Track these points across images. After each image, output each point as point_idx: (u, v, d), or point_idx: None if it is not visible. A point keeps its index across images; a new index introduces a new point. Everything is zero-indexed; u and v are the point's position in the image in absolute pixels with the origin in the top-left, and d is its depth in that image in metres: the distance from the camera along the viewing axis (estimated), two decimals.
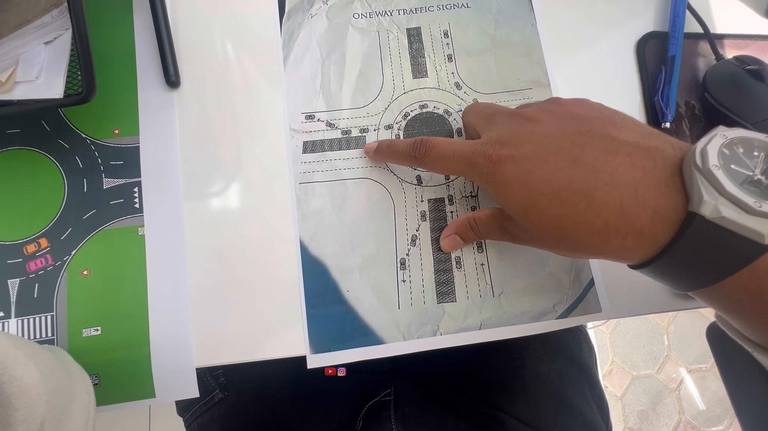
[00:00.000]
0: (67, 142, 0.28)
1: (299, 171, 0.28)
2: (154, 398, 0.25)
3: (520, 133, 0.22)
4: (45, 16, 0.22)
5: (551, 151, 0.20)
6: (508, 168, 0.21)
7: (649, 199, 0.17)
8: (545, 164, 0.20)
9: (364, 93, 0.30)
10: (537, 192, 0.20)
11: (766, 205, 0.15)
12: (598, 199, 0.18)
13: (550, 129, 0.21)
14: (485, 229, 0.26)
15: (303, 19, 0.31)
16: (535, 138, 0.21)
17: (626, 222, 0.18)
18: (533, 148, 0.21)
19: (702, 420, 1.01)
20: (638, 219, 0.18)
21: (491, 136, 0.23)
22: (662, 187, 0.17)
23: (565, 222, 0.19)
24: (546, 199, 0.20)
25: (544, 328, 0.27)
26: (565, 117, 0.22)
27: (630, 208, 0.18)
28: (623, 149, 0.19)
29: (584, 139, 0.20)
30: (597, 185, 0.18)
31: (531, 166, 0.20)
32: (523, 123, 0.22)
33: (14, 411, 0.18)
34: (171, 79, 0.28)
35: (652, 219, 0.17)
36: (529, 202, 0.20)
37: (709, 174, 0.16)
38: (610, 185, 0.18)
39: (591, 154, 0.19)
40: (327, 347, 0.26)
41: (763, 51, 0.32)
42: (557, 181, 0.19)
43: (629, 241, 0.18)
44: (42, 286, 0.26)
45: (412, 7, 0.32)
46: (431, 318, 0.27)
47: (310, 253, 0.27)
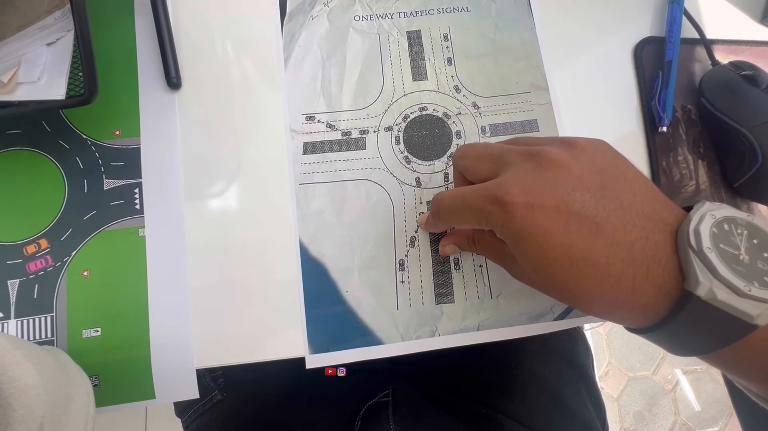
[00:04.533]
0: (67, 142, 0.28)
1: (299, 172, 0.29)
2: (154, 399, 0.25)
3: (540, 180, 0.19)
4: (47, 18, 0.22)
5: (576, 211, 0.18)
6: (525, 221, 0.19)
7: (658, 277, 0.18)
8: (566, 227, 0.18)
9: (364, 95, 0.30)
10: (553, 259, 0.19)
11: (755, 289, 0.16)
12: (614, 275, 0.18)
13: (574, 182, 0.19)
14: (483, 251, 0.25)
15: (304, 21, 0.31)
16: (559, 191, 0.19)
17: (634, 299, 0.18)
18: (555, 202, 0.19)
19: (697, 421, 1.02)
20: (646, 296, 0.18)
21: (506, 178, 0.20)
22: (669, 264, 0.18)
23: (575, 291, 0.19)
24: (561, 268, 0.18)
25: (541, 329, 0.27)
26: (588, 169, 0.20)
27: (641, 285, 0.18)
28: (639, 222, 0.18)
29: (606, 203, 0.19)
30: (614, 261, 0.18)
31: (550, 227, 0.18)
32: (546, 168, 0.20)
33: (13, 412, 0.18)
34: (172, 80, 0.28)
35: (657, 296, 0.18)
36: (542, 265, 0.19)
37: (704, 256, 0.17)
38: (626, 262, 0.18)
39: (613, 225, 0.18)
40: (326, 347, 0.26)
41: (758, 57, 0.33)
42: (577, 251, 0.18)
43: (634, 314, 0.19)
44: (42, 287, 0.26)
45: (413, 10, 0.32)
46: (429, 319, 0.27)
47: (310, 254, 0.27)
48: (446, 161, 0.29)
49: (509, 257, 0.22)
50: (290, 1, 0.31)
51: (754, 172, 0.28)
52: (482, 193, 0.20)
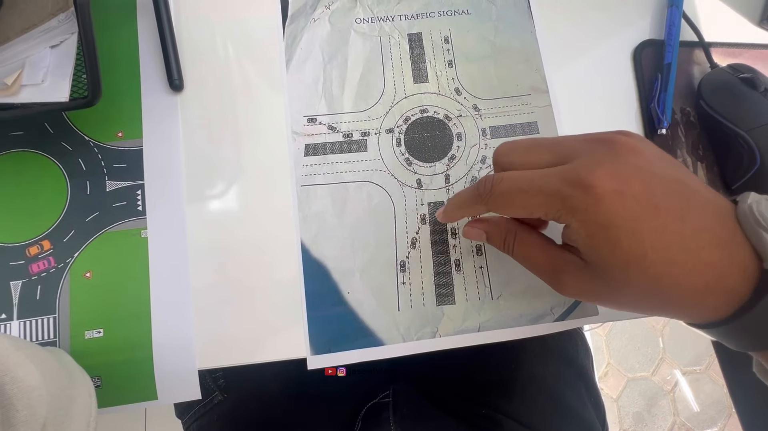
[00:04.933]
0: (70, 144, 0.28)
1: (301, 173, 0.29)
2: (156, 400, 0.25)
3: (624, 165, 0.18)
4: (51, 20, 0.22)
5: (661, 197, 0.18)
6: (615, 206, 0.17)
7: (741, 258, 0.17)
8: (656, 211, 0.18)
9: (365, 97, 0.30)
10: (648, 245, 0.17)
11: None
12: (704, 260, 0.17)
13: (653, 166, 0.18)
14: (522, 255, 0.22)
15: (306, 24, 0.31)
16: (643, 176, 0.18)
17: (722, 283, 0.17)
18: (642, 187, 0.18)
19: (696, 422, 1.02)
20: (732, 279, 0.17)
21: (585, 162, 0.19)
22: (746, 246, 0.17)
23: (667, 281, 0.18)
24: (656, 255, 0.17)
25: (541, 331, 0.27)
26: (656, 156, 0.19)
27: (727, 268, 0.17)
28: (710, 207, 0.18)
29: (682, 187, 0.18)
30: (703, 245, 0.17)
31: (641, 211, 0.17)
32: (623, 153, 0.19)
33: (16, 412, 0.18)
34: (174, 82, 0.28)
35: (742, 278, 0.17)
36: (637, 254, 0.18)
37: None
38: (713, 245, 0.17)
39: (694, 208, 0.18)
40: (327, 348, 0.26)
41: (757, 59, 0.33)
42: (669, 235, 0.17)
43: (720, 301, 0.18)
44: (44, 288, 0.26)
45: (414, 12, 0.32)
46: (430, 320, 0.27)
47: (311, 255, 0.28)
48: (447, 163, 0.30)
49: (569, 264, 0.20)
50: (292, 4, 0.32)
51: (752, 174, 0.28)
52: (559, 176, 0.19)
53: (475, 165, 0.30)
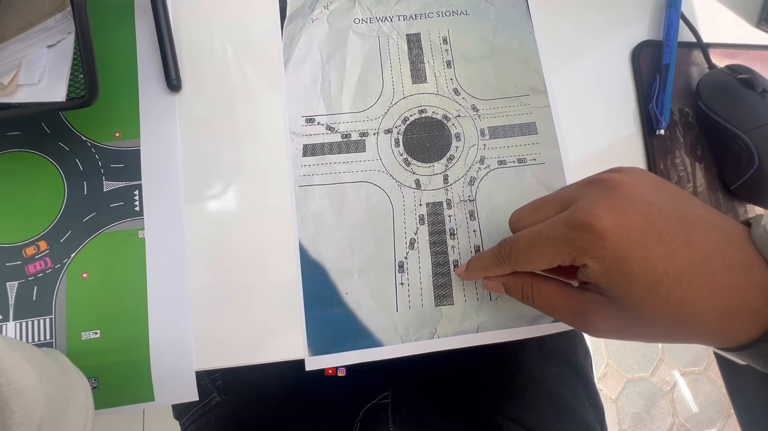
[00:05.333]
0: (67, 144, 0.28)
1: (299, 174, 0.29)
2: (153, 401, 0.25)
3: (618, 198, 0.19)
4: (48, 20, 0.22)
5: (662, 224, 0.18)
6: (620, 239, 0.18)
7: (758, 280, 0.18)
8: (661, 239, 0.18)
9: (364, 97, 0.30)
10: (661, 272, 0.18)
11: None
12: (721, 282, 0.18)
13: (649, 197, 0.19)
14: (542, 302, 0.22)
15: (304, 24, 0.31)
16: (639, 206, 0.19)
17: (745, 303, 0.18)
18: (640, 217, 0.18)
19: (695, 423, 1.02)
20: (753, 300, 0.17)
21: (582, 205, 0.19)
22: (763, 267, 0.18)
23: (690, 307, 0.18)
24: (672, 281, 0.18)
25: (540, 331, 0.27)
26: (651, 187, 0.20)
27: (746, 289, 0.17)
28: (717, 230, 0.19)
29: (683, 214, 0.19)
30: (716, 267, 0.18)
31: (645, 240, 0.18)
32: (614, 189, 0.19)
33: (12, 414, 0.18)
34: (172, 82, 0.28)
35: (764, 298, 0.17)
36: (653, 283, 0.18)
37: None
38: (726, 267, 0.18)
39: (700, 234, 0.18)
40: (325, 349, 0.26)
41: (754, 60, 0.33)
42: (680, 260, 0.18)
43: (747, 322, 0.18)
44: (41, 289, 0.26)
45: (412, 13, 0.32)
46: (429, 321, 0.27)
47: (310, 256, 0.27)
48: (445, 163, 0.30)
49: (590, 302, 0.20)
50: (290, 4, 0.32)
51: (750, 174, 0.28)
52: (563, 222, 0.20)
53: (473, 165, 0.30)
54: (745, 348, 0.19)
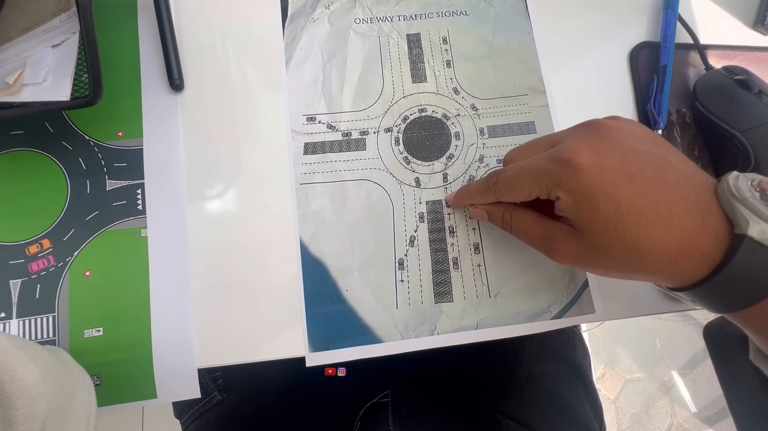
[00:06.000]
0: (70, 143, 0.28)
1: (300, 172, 0.29)
2: (155, 398, 0.25)
3: (600, 141, 0.21)
4: (53, 20, 0.23)
5: (636, 167, 0.20)
6: (593, 177, 0.20)
7: (712, 225, 0.19)
8: (631, 180, 0.20)
9: (364, 96, 0.31)
10: (624, 209, 0.20)
11: None
12: (677, 225, 0.19)
13: (631, 142, 0.21)
14: (519, 229, 0.25)
15: (305, 23, 0.32)
16: (619, 148, 0.21)
17: (695, 245, 0.19)
18: (618, 158, 0.20)
19: (694, 423, 1.02)
20: (703, 243, 0.19)
21: (567, 143, 0.22)
22: (719, 215, 0.19)
23: (644, 244, 0.20)
24: (631, 218, 0.20)
25: (539, 328, 0.28)
26: (635, 135, 0.22)
27: (699, 233, 0.19)
28: (688, 180, 0.20)
29: (659, 161, 0.20)
30: (676, 211, 0.19)
31: (617, 179, 0.20)
32: (600, 132, 0.21)
33: (15, 411, 0.18)
34: (175, 82, 0.28)
35: (713, 242, 0.19)
36: (614, 217, 0.20)
37: (749, 203, 0.19)
38: (685, 212, 0.19)
39: (669, 180, 0.20)
40: (326, 346, 0.26)
41: (751, 61, 0.33)
42: (644, 201, 0.20)
43: (693, 263, 0.19)
44: (44, 287, 0.26)
45: (413, 13, 0.33)
46: (428, 318, 0.27)
47: (310, 253, 0.28)
48: (445, 162, 0.30)
49: (558, 231, 0.23)
50: (291, 4, 0.32)
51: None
52: (546, 157, 0.22)
53: (473, 164, 0.30)
54: (691, 288, 0.20)
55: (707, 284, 0.20)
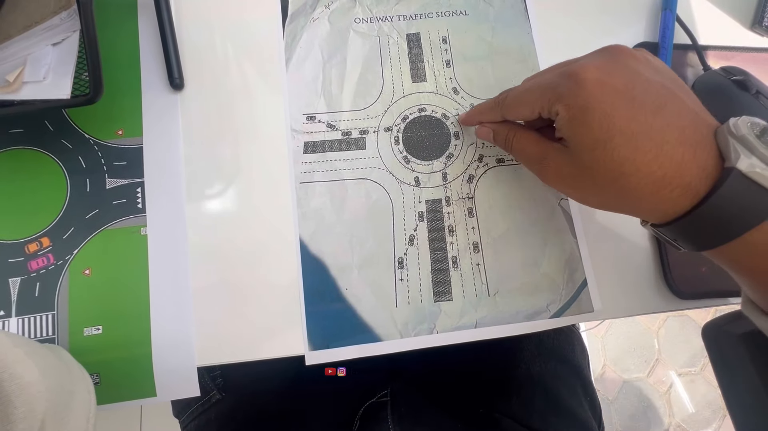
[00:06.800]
0: (70, 141, 0.28)
1: (300, 171, 0.29)
2: (155, 397, 0.26)
3: (613, 62, 0.21)
4: (54, 18, 0.23)
5: (639, 92, 0.20)
6: (594, 93, 0.20)
7: (702, 159, 0.19)
8: (631, 102, 0.20)
9: (364, 95, 0.31)
10: (616, 128, 0.20)
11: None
12: (666, 152, 0.19)
13: (642, 69, 0.21)
14: (519, 148, 0.26)
15: (305, 23, 0.32)
16: (628, 72, 0.21)
17: (681, 176, 0.19)
18: (624, 81, 0.20)
19: (692, 423, 1.03)
20: (690, 174, 0.19)
21: (578, 61, 0.22)
22: (713, 150, 0.20)
23: (629, 167, 0.20)
24: (622, 139, 0.20)
25: (538, 327, 0.28)
26: (651, 66, 0.22)
27: (688, 164, 0.19)
28: (690, 115, 0.20)
29: (666, 92, 0.21)
30: (669, 139, 0.19)
31: (617, 100, 0.20)
32: (615, 55, 0.22)
33: (14, 409, 0.18)
34: (175, 81, 0.28)
35: (700, 176, 0.19)
36: (605, 136, 0.20)
37: (744, 139, 0.19)
38: (678, 142, 0.19)
39: (669, 110, 0.20)
40: (325, 344, 0.26)
41: (748, 62, 0.33)
42: (638, 124, 0.20)
43: (675, 194, 0.20)
44: (43, 285, 0.26)
45: (412, 13, 0.33)
46: (428, 317, 0.27)
47: (310, 252, 0.28)
48: (444, 161, 0.30)
49: (552, 150, 0.23)
50: (292, 3, 0.32)
51: None
52: (556, 71, 0.23)
53: (472, 163, 0.30)
54: (672, 223, 0.20)
55: (688, 217, 0.20)
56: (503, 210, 0.29)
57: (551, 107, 0.22)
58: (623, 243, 0.30)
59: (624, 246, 0.30)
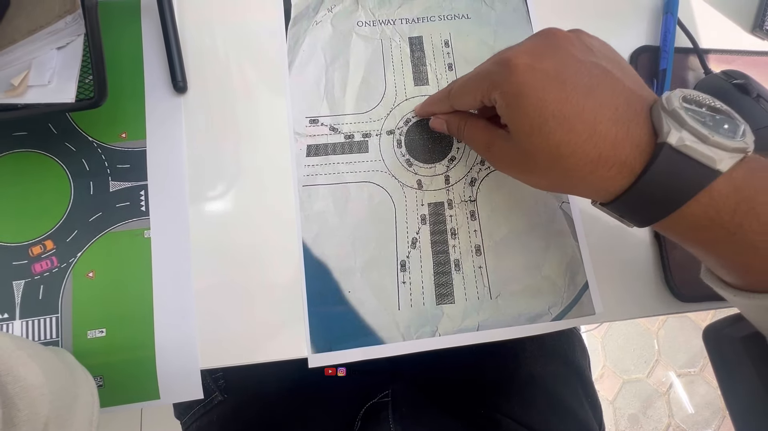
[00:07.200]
0: (73, 145, 0.28)
1: (303, 174, 0.29)
2: (158, 399, 0.26)
3: (543, 46, 0.22)
4: (58, 22, 0.23)
5: (571, 74, 0.20)
6: (525, 78, 0.21)
7: (636, 136, 0.19)
8: (563, 85, 0.20)
9: (367, 99, 0.31)
10: (549, 112, 0.20)
11: (717, 136, 0.18)
12: (600, 132, 0.19)
13: (574, 51, 0.21)
14: (468, 136, 0.26)
15: (308, 26, 0.32)
16: (559, 55, 0.21)
17: (616, 154, 0.19)
18: (555, 65, 0.21)
19: (691, 424, 1.03)
20: (625, 152, 0.19)
21: (513, 46, 0.23)
22: (645, 126, 0.20)
23: (565, 150, 0.20)
24: (556, 122, 0.20)
25: (539, 330, 0.28)
26: (586, 46, 0.22)
27: (622, 142, 0.19)
28: (624, 93, 0.20)
29: (599, 72, 0.21)
30: (602, 119, 0.20)
31: (548, 84, 0.20)
32: (548, 38, 0.22)
33: (18, 412, 0.18)
34: (178, 84, 0.28)
35: (634, 152, 0.19)
36: (539, 120, 0.20)
37: (674, 113, 0.19)
38: (611, 121, 0.20)
39: (602, 90, 0.20)
40: (328, 347, 0.27)
41: (749, 66, 0.34)
42: (570, 107, 0.20)
43: (612, 172, 0.20)
44: (47, 288, 0.26)
45: (415, 16, 0.33)
46: (430, 320, 0.27)
47: (313, 254, 0.28)
48: (447, 164, 0.30)
49: (497, 137, 0.24)
50: (294, 7, 0.32)
51: None
52: (492, 59, 0.23)
53: (474, 166, 0.30)
54: (615, 201, 0.21)
55: (628, 194, 0.20)
56: (505, 213, 0.29)
57: (489, 94, 0.22)
58: (624, 245, 0.30)
59: (625, 249, 0.30)
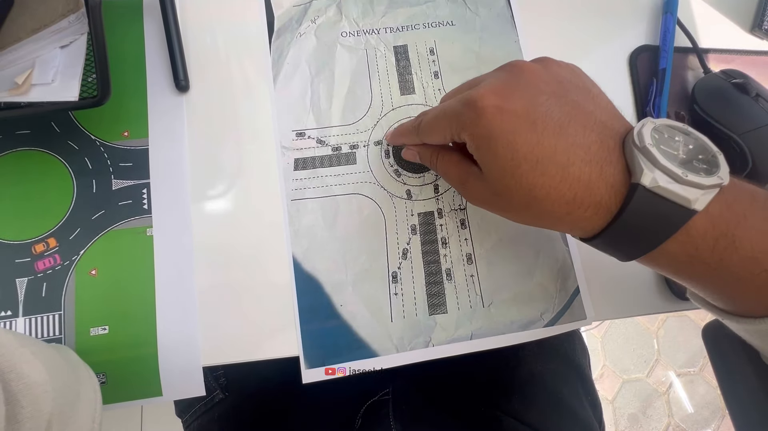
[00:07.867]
0: (76, 143, 0.28)
1: (291, 188, 0.29)
2: (161, 396, 0.26)
3: (511, 84, 0.21)
4: (62, 21, 0.23)
5: (541, 114, 0.20)
6: (495, 121, 0.20)
7: (610, 176, 0.19)
8: (533, 126, 0.20)
9: (353, 110, 0.30)
10: (521, 156, 0.20)
11: (691, 175, 0.18)
12: (573, 174, 0.19)
13: (543, 86, 0.21)
14: (442, 170, 0.25)
15: (292, 38, 0.31)
16: (528, 93, 0.20)
17: (590, 195, 0.19)
18: (523, 104, 0.20)
19: (691, 423, 1.03)
20: (599, 193, 0.19)
21: (480, 85, 0.22)
22: (618, 165, 0.19)
23: (539, 192, 0.20)
24: (528, 165, 0.20)
25: (532, 336, 0.28)
26: (555, 79, 0.21)
27: (596, 183, 0.19)
28: (596, 128, 0.20)
29: (570, 108, 0.20)
30: (574, 160, 0.19)
31: (518, 125, 0.20)
32: (515, 74, 0.21)
33: (21, 409, 0.18)
34: (180, 83, 0.29)
35: (609, 193, 0.19)
36: (512, 164, 0.20)
37: (647, 151, 0.18)
38: (584, 161, 0.19)
39: (574, 128, 0.20)
40: (321, 362, 0.26)
41: (748, 65, 0.34)
42: (542, 149, 0.19)
43: (589, 213, 0.20)
44: (50, 286, 0.26)
45: (399, 25, 0.32)
46: (423, 330, 0.27)
47: (303, 269, 0.27)
48: (435, 173, 0.30)
49: (471, 174, 0.23)
50: (278, 19, 0.31)
51: (744, 176, 0.29)
52: (458, 99, 0.22)
53: None
54: (594, 238, 0.21)
55: (606, 234, 0.20)
56: (495, 220, 0.29)
57: (459, 135, 0.22)
58: None
59: None
